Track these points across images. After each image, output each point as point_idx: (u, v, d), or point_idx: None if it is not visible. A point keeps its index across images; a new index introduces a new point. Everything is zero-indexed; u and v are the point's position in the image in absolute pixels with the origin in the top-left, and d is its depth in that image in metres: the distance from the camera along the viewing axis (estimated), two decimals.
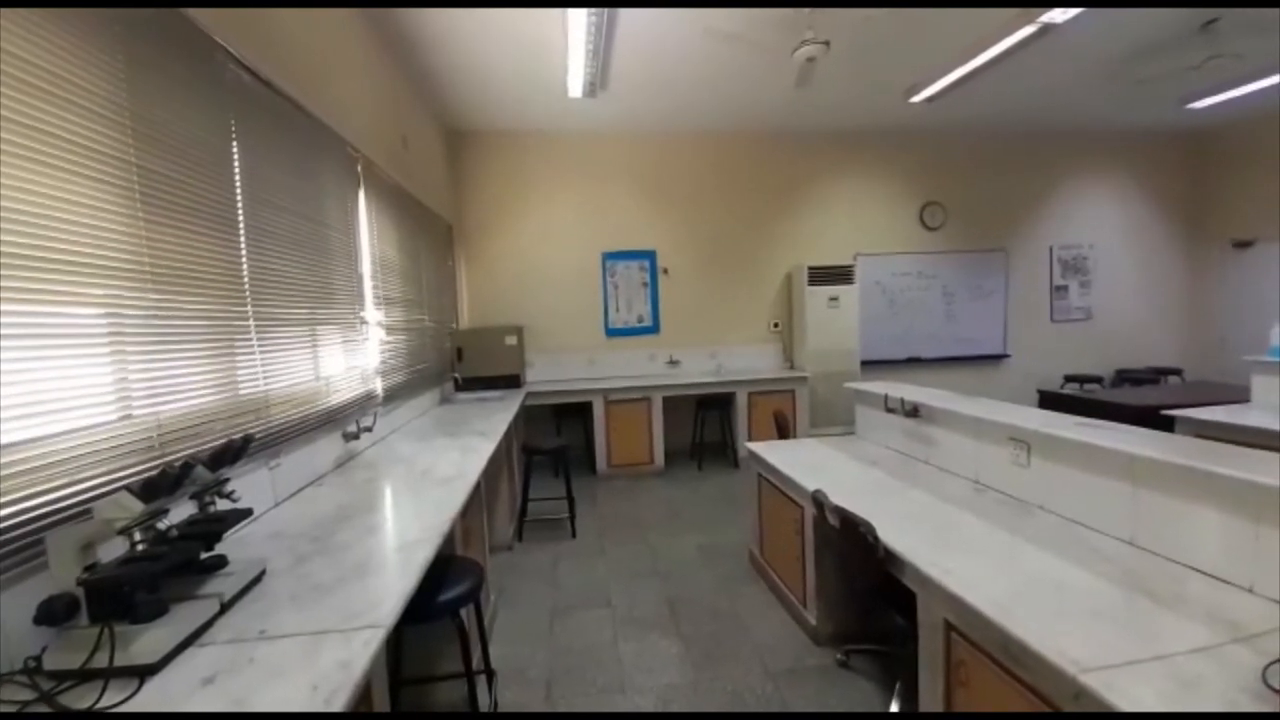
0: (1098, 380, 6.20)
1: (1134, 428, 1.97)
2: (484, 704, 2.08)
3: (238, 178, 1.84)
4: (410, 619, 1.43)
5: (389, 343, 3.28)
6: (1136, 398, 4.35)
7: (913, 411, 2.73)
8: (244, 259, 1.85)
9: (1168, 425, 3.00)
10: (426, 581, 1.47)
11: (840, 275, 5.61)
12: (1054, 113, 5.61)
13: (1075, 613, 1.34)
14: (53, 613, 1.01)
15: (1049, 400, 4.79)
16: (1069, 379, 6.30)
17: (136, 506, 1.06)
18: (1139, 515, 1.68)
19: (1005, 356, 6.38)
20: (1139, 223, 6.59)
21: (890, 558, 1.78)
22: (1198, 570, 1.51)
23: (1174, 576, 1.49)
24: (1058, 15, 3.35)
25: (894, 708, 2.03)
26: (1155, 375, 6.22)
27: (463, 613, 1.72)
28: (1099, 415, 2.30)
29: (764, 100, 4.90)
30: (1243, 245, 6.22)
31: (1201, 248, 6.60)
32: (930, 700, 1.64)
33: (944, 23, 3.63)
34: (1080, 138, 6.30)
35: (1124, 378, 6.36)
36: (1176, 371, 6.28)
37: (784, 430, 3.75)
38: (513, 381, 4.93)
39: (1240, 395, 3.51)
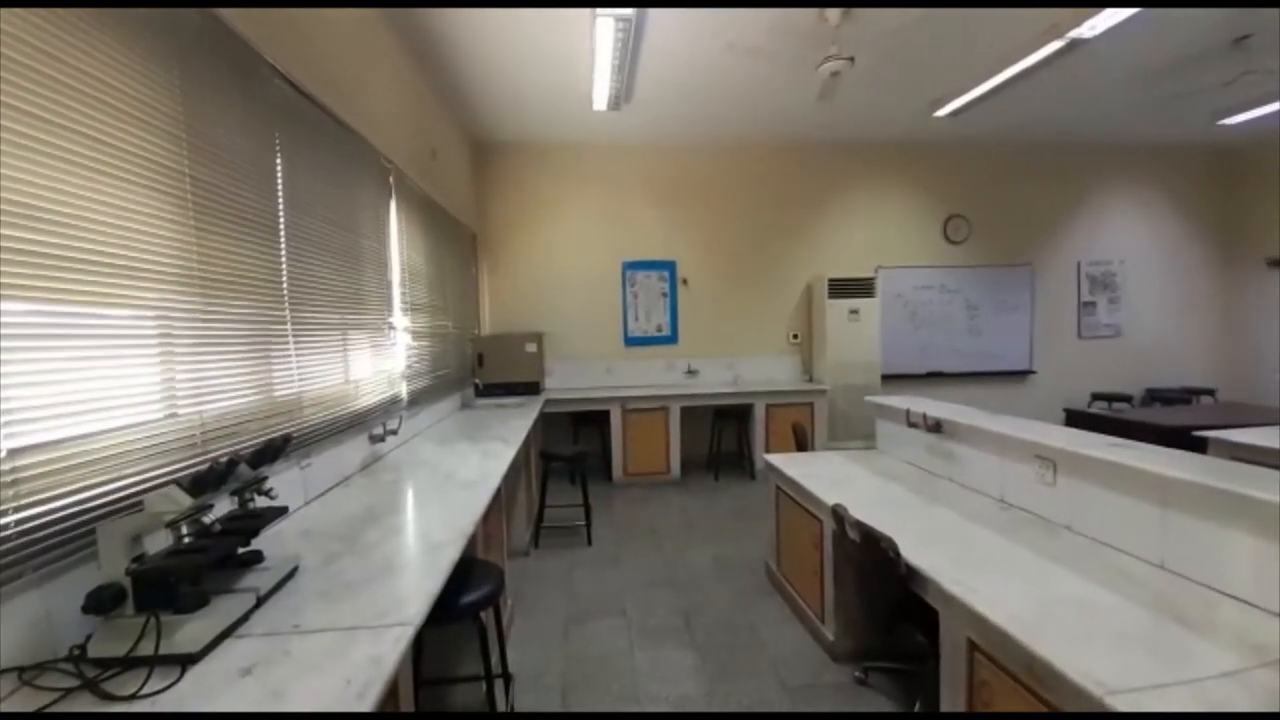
0: (1127, 399, 6.05)
1: (1164, 448, 1.93)
2: (500, 708, 2.10)
3: (280, 188, 1.92)
4: (433, 620, 1.46)
5: (414, 348, 3.35)
6: (1167, 418, 4.24)
7: (935, 427, 2.70)
8: (284, 266, 1.92)
9: (1200, 446, 2.92)
10: (449, 583, 1.50)
11: (861, 288, 5.58)
12: (1082, 127, 5.55)
13: (1102, 635, 1.32)
14: (101, 602, 1.04)
15: (1076, 418, 4.69)
16: (1097, 397, 6.16)
17: (185, 500, 1.11)
18: (1169, 538, 1.64)
19: (1031, 373, 6.27)
20: (1170, 239, 6.46)
21: (912, 574, 1.77)
22: (1228, 595, 1.47)
23: (1203, 600, 1.47)
24: (1085, 31, 3.33)
25: None
26: (1187, 395, 6.05)
27: (482, 615, 1.75)
28: (1128, 435, 2.25)
29: (787, 112, 4.93)
30: (1277, 264, 6.05)
31: (1235, 266, 6.43)
32: None
33: (970, 37, 3.63)
34: (1109, 152, 6.20)
35: (1154, 397, 6.20)
36: (1209, 392, 6.10)
37: (802, 443, 3.74)
38: (532, 388, 4.98)
39: (1276, 417, 3.40)
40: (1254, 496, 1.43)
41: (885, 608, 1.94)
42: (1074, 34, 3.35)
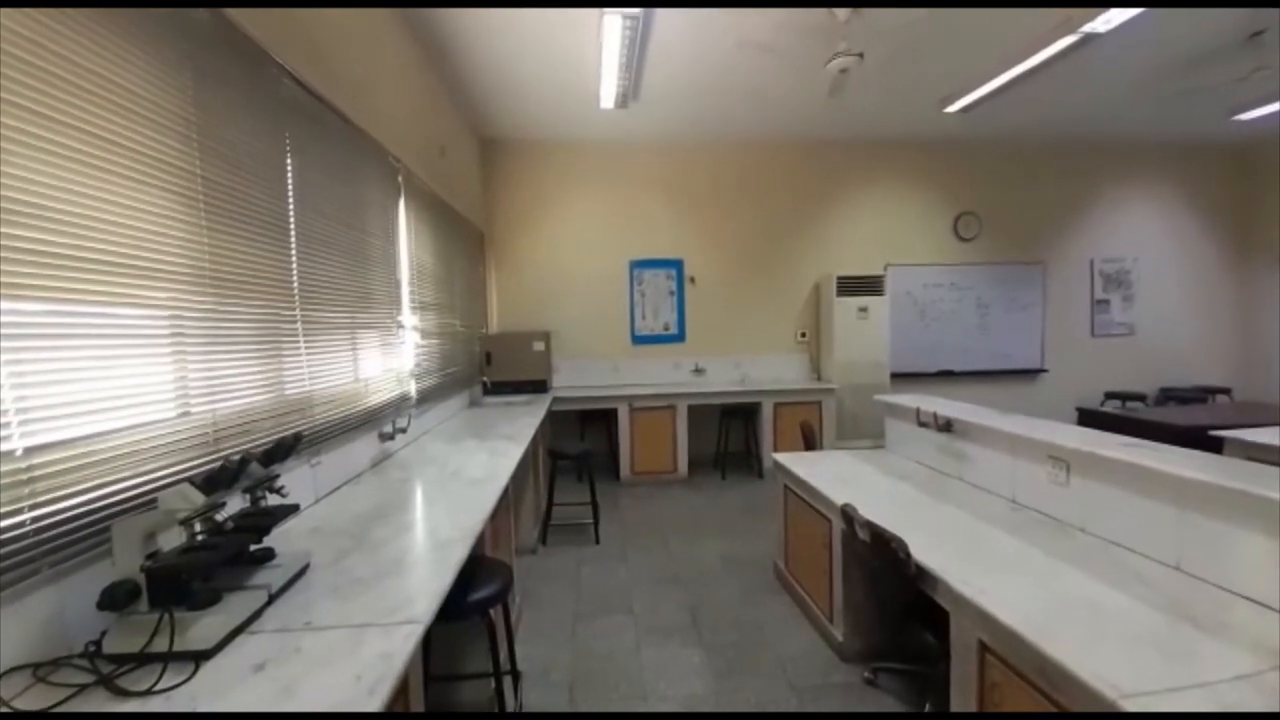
0: (1141, 398, 5.98)
1: (1180, 448, 1.91)
2: (508, 705, 2.11)
3: (290, 187, 1.93)
4: (442, 617, 1.46)
5: (423, 346, 3.37)
6: (1182, 417, 4.19)
7: (946, 426, 2.68)
8: (294, 265, 1.94)
9: (1215, 446, 2.88)
10: (458, 580, 1.50)
11: (870, 286, 5.54)
12: (1095, 122, 5.47)
13: (1115, 637, 1.30)
14: (115, 598, 1.05)
15: (1089, 418, 4.64)
16: (1110, 396, 6.09)
17: (198, 498, 1.12)
18: (1184, 539, 1.62)
19: (1043, 371, 6.21)
20: (1185, 236, 6.36)
21: (922, 575, 1.75)
22: (1244, 597, 1.45)
23: (1219, 602, 1.45)
24: (1100, 25, 3.28)
25: None
26: (1202, 394, 5.97)
27: (491, 612, 1.76)
28: (1142, 434, 2.22)
29: (795, 110, 4.90)
30: None
31: (1251, 263, 6.33)
32: None
33: (981, 31, 3.58)
34: (1123, 148, 6.12)
35: (1169, 396, 6.12)
36: (1225, 391, 6.02)
37: (810, 442, 3.72)
38: (539, 386, 5.00)
39: None
40: (1271, 498, 1.41)
41: (895, 608, 1.93)
42: (1087, 28, 3.30)
